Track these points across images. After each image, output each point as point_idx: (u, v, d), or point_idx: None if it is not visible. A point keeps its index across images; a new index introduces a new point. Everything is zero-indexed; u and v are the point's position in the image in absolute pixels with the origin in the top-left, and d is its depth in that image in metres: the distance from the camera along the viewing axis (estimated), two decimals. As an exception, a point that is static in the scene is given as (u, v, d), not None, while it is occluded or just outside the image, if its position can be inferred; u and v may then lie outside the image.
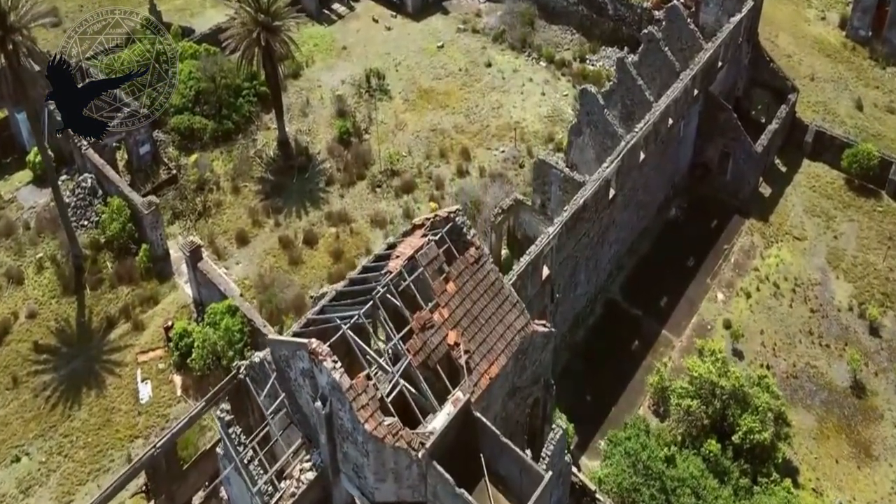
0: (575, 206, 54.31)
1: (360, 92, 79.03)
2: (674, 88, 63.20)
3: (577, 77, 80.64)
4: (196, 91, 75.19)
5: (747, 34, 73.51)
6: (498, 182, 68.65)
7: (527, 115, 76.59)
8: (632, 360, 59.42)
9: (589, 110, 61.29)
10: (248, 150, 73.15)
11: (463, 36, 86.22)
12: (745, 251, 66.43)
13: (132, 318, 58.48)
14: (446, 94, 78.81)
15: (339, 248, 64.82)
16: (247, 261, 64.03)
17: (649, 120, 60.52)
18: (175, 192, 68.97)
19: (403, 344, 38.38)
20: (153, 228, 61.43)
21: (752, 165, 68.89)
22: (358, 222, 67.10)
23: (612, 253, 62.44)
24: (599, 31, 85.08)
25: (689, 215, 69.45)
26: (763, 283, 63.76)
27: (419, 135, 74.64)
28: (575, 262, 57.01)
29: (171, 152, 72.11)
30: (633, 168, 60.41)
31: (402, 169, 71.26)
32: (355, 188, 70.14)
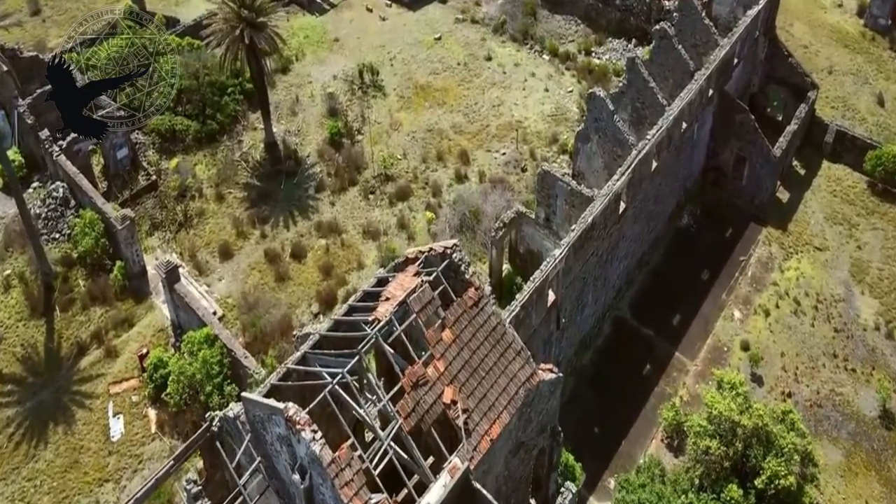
0: (583, 225, 49.21)
1: (353, 88, 73.70)
2: (688, 90, 57.88)
3: (582, 71, 75.27)
4: (178, 89, 69.54)
5: (764, 27, 68.03)
6: (499, 189, 63.49)
7: (529, 113, 71.25)
8: (643, 385, 54.63)
9: (597, 116, 56.06)
10: (234, 153, 67.94)
11: (461, 27, 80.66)
12: (762, 263, 61.36)
13: (105, 343, 53.65)
14: (444, 91, 73.44)
15: (328, 262, 59.80)
16: (230, 276, 59.02)
17: (662, 126, 55.29)
18: (154, 199, 63.88)
19: (393, 405, 33.38)
20: (128, 244, 56.36)
21: (769, 170, 63.71)
22: (349, 233, 62.03)
23: (621, 268, 57.38)
24: (605, 21, 79.56)
25: (702, 223, 64.37)
26: (782, 300, 58.77)
27: (415, 135, 69.40)
28: (582, 282, 52.02)
29: (150, 156, 66.88)
30: (645, 178, 55.26)
31: (396, 173, 66.07)
32: (347, 195, 65.00)
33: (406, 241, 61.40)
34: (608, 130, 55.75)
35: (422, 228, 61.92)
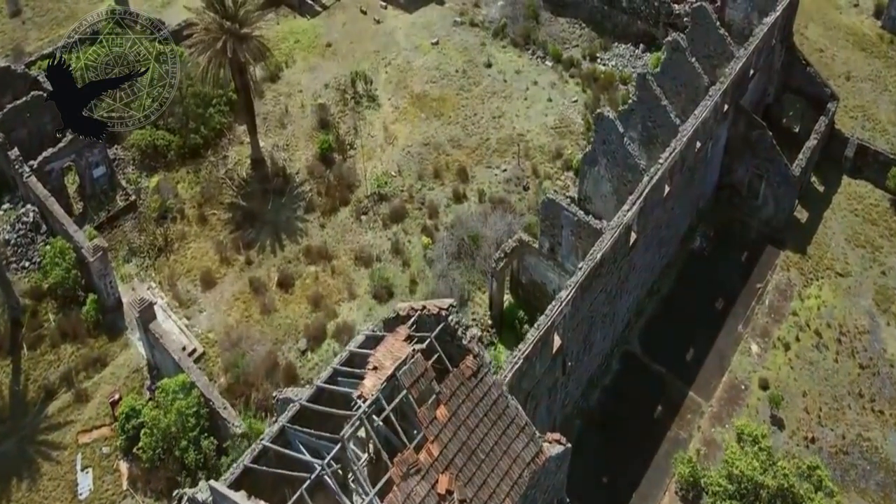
0: (591, 262, 44.46)
1: (346, 98, 68.78)
2: (702, 107, 53.06)
3: (586, 79, 70.31)
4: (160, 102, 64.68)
5: (781, 34, 62.99)
6: (499, 210, 58.84)
7: (531, 125, 66.37)
8: (655, 429, 50.16)
9: (605, 138, 51.26)
10: (218, 169, 63.04)
11: (460, 30, 75.60)
12: (780, 290, 56.67)
13: (75, 386, 49.21)
14: (441, 101, 68.53)
15: (317, 291, 55.20)
16: (212, 308, 54.42)
17: (675, 148, 50.51)
18: (133, 221, 59.21)
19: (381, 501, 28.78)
20: (102, 276, 51.75)
21: (787, 189, 58.92)
22: (340, 259, 57.39)
23: (630, 300, 52.70)
24: (611, 24, 74.47)
25: (715, 245, 59.60)
26: (803, 332, 54.19)
27: (410, 150, 64.57)
28: (590, 322, 47.41)
29: (129, 173, 62.18)
30: (657, 205, 50.50)
31: (390, 192, 61.31)
32: (338, 216, 60.30)
33: (401, 267, 56.90)
34: (617, 154, 50.98)
35: (417, 254, 57.30)
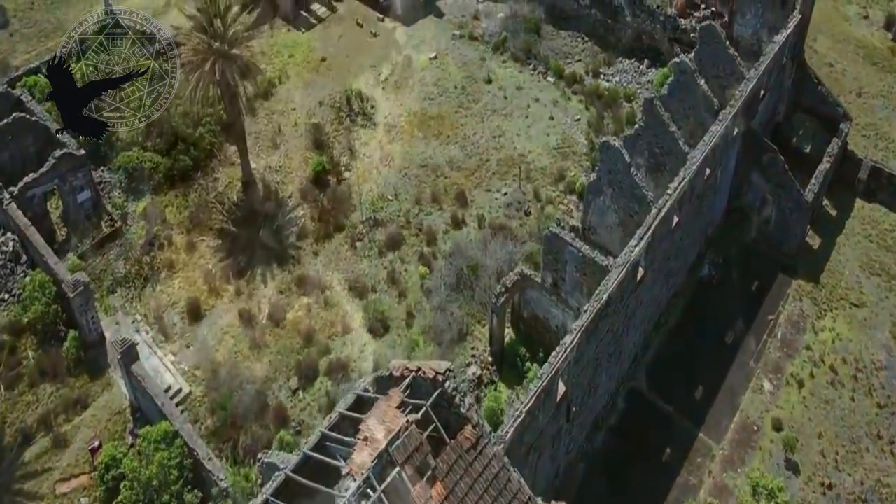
0: (597, 304, 41.59)
1: (341, 117, 65.72)
2: (712, 134, 50.21)
3: (590, 96, 67.29)
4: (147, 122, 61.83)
5: (791, 52, 60.01)
6: (499, 237, 55.88)
7: (533, 145, 63.38)
8: (663, 473, 47.54)
9: (611, 168, 48.26)
10: (208, 193, 60.03)
11: (459, 44, 72.52)
12: (793, 323, 53.83)
13: (54, 430, 46.22)
14: (439, 119, 65.53)
15: (310, 325, 52.36)
16: (199, 343, 51.58)
17: (684, 178, 47.61)
18: (119, 249, 56.17)
19: None
20: (83, 312, 48.78)
21: (799, 215, 56.08)
22: (334, 289, 54.53)
23: (637, 336, 49.81)
24: (615, 39, 71.37)
25: (724, 274, 56.76)
26: (817, 368, 51.37)
27: (408, 172, 61.64)
28: (595, 363, 44.47)
29: (115, 197, 59.10)
30: (666, 237, 47.57)
31: (386, 217, 58.42)
32: (332, 243, 57.47)
33: (397, 298, 53.91)
34: (624, 184, 48.06)
35: (414, 284, 54.42)
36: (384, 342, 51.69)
